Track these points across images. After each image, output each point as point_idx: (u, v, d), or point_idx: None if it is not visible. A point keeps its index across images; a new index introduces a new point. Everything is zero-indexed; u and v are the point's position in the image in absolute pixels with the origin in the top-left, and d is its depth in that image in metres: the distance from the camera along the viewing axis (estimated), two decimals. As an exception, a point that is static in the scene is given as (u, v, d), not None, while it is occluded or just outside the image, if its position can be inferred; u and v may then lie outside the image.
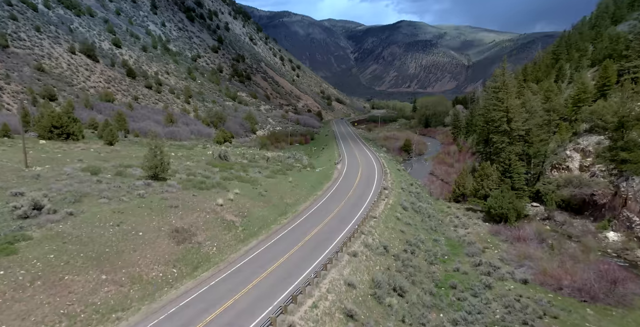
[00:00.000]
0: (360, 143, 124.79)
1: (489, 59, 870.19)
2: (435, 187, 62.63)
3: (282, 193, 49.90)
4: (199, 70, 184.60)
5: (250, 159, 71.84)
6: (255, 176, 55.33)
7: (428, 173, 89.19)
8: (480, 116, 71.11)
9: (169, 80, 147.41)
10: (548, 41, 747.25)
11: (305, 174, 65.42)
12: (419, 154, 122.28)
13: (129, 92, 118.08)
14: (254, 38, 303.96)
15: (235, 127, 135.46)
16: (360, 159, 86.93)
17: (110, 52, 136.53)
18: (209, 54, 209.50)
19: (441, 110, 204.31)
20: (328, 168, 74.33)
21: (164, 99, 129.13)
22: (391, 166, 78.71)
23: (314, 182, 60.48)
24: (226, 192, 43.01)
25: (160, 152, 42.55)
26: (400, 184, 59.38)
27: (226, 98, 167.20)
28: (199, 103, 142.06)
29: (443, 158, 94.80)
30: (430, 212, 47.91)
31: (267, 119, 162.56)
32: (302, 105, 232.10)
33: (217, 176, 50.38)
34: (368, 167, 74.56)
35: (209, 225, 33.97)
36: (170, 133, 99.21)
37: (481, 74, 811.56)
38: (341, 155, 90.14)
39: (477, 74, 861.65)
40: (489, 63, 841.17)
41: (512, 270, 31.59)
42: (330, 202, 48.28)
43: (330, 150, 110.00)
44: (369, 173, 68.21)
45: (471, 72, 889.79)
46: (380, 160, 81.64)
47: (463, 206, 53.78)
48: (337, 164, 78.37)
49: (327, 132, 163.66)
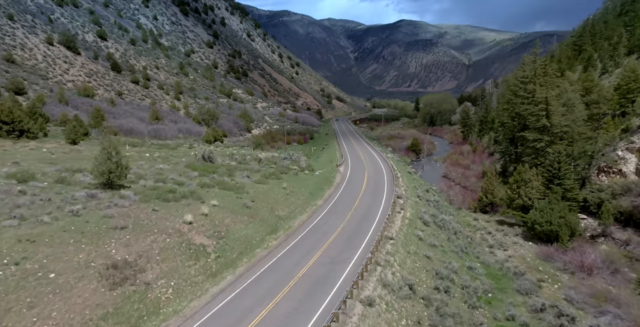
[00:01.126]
0: (364, 142, 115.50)
1: (490, 59, 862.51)
2: (454, 194, 53.60)
3: (273, 203, 40.59)
4: (193, 65, 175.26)
5: (240, 161, 62.54)
6: (243, 182, 46.03)
7: (441, 176, 79.93)
8: (504, 111, 62.10)
9: (158, 75, 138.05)
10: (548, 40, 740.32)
11: (302, 179, 56.12)
12: (428, 154, 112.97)
13: (113, 87, 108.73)
14: (251, 34, 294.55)
15: (229, 126, 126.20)
16: (365, 160, 77.67)
17: (95, 45, 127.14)
18: (203, 50, 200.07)
19: (447, 109, 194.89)
20: (329, 171, 65.01)
21: (151, 95, 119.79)
22: (401, 168, 69.42)
23: (313, 188, 51.19)
24: (200, 204, 33.72)
25: (117, 153, 33.26)
26: (416, 191, 50.06)
27: (220, 95, 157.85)
28: (190, 100, 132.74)
29: (457, 159, 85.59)
30: (455, 227, 38.63)
31: (264, 117, 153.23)
32: (302, 103, 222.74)
33: (194, 183, 41.06)
34: (375, 170, 65.27)
35: (168, 253, 24.67)
36: (155, 131, 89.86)
37: (482, 73, 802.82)
38: (344, 156, 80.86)
39: (477, 73, 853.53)
40: (490, 62, 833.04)
41: (595, 324, 22.05)
42: (333, 215, 39.01)
43: (331, 150, 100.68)
44: (377, 177, 58.91)
45: (472, 72, 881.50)
46: (388, 161, 72.37)
47: (492, 217, 44.60)
48: (339, 166, 69.10)
49: (327, 131, 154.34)
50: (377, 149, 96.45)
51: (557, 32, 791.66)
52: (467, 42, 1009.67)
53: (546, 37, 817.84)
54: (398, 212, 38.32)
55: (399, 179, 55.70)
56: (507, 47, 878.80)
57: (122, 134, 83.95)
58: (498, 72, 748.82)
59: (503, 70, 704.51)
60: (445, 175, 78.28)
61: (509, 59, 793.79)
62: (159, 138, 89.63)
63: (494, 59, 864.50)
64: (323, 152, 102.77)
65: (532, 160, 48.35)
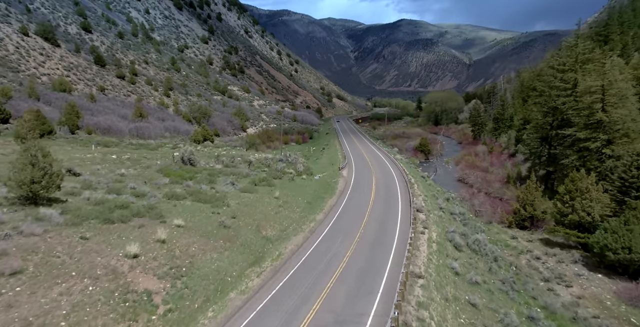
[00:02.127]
0: (368, 142, 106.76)
1: (491, 58, 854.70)
2: (480, 204, 44.91)
3: (260, 219, 31.87)
4: (186, 61, 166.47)
5: (227, 164, 53.77)
6: (225, 191, 37.30)
7: (455, 179, 71.17)
8: (534, 106, 53.36)
9: (147, 70, 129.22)
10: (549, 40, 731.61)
11: (299, 185, 47.39)
12: (437, 155, 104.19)
13: (95, 82, 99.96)
14: (249, 31, 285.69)
15: (222, 124, 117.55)
16: (371, 162, 68.91)
17: (78, 37, 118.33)
18: (197, 45, 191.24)
19: (452, 107, 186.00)
20: (331, 175, 56.25)
21: (138, 91, 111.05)
22: (413, 171, 60.64)
23: (312, 197, 42.49)
24: (159, 224, 24.97)
25: (45, 156, 24.51)
26: (436, 201, 41.26)
27: (214, 92, 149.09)
28: (181, 96, 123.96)
29: (472, 160, 76.86)
30: (494, 251, 29.85)
31: (260, 115, 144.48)
32: (300, 101, 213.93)
33: (161, 193, 32.31)
34: (384, 174, 56.52)
35: (84, 314, 15.87)
36: (137, 130, 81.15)
37: (483, 73, 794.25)
38: (346, 158, 72.10)
39: (478, 73, 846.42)
40: (491, 62, 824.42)
41: None
42: (337, 235, 30.29)
43: (332, 150, 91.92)
44: (387, 182, 50.17)
45: (472, 71, 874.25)
46: (398, 163, 63.61)
47: (534, 235, 35.84)
48: (341, 169, 60.34)
49: (327, 130, 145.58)
50: (383, 150, 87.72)
51: (558, 32, 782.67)
52: (468, 42, 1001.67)
53: (547, 36, 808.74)
54: (421, 233, 29.52)
55: (414, 185, 46.92)
56: (508, 47, 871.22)
57: (99, 133, 75.28)
58: (499, 71, 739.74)
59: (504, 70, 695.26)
60: (461, 179, 69.49)
61: (509, 58, 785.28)
62: (141, 137, 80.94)
63: (494, 58, 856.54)
64: (323, 153, 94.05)
65: (578, 164, 39.69)
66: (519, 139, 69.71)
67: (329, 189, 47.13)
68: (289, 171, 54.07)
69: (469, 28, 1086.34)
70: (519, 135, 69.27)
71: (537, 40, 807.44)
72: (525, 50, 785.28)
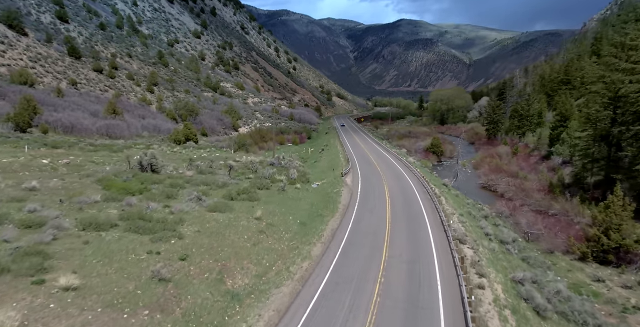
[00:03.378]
0: (372, 142, 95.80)
1: (491, 58, 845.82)
2: (530, 223, 33.85)
3: (227, 258, 20.94)
4: (175, 56, 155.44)
5: (202, 170, 42.72)
6: (184, 210, 26.27)
7: (479, 186, 60.24)
8: (591, 96, 42.50)
9: (130, 64, 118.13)
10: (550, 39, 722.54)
11: (291, 197, 36.43)
12: (450, 157, 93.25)
13: (66, 75, 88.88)
14: (245, 27, 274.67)
15: (212, 123, 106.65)
16: (379, 166, 57.91)
17: (52, 27, 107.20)
18: (189, 40, 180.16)
19: (459, 105, 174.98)
20: (331, 183, 45.30)
21: (117, 85, 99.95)
22: (432, 179, 49.63)
23: (307, 215, 31.56)
24: (28, 287, 13.92)
25: None
26: (478, 223, 30.23)
27: (205, 88, 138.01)
28: (167, 92, 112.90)
29: (496, 164, 65.87)
30: (592, 314, 18.91)
31: (254, 114, 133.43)
32: (299, 100, 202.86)
33: (75, 220, 21.26)
34: (398, 182, 45.53)
35: None
36: (108, 128, 70.07)
37: (483, 73, 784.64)
38: (350, 161, 61.12)
39: (478, 73, 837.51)
40: (491, 61, 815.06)
41: None
42: (343, 291, 19.33)
43: (333, 152, 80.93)
44: (404, 194, 39.20)
45: (472, 71, 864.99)
46: (413, 169, 52.58)
47: (628, 274, 24.91)
48: (344, 175, 49.34)
49: (327, 129, 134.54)
50: (391, 151, 76.74)
51: (559, 31, 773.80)
52: (468, 42, 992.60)
53: (548, 36, 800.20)
54: (479, 287, 18.42)
55: (440, 197, 35.89)
56: (509, 46, 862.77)
57: (60, 131, 64.21)
58: (499, 71, 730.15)
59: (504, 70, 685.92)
60: (486, 186, 58.50)
61: (510, 58, 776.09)
62: (111, 136, 69.89)
63: (495, 58, 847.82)
64: (323, 154, 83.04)
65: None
66: (554, 137, 58.80)
67: (330, 203, 36.12)
68: (279, 178, 43.08)
69: (469, 28, 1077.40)
70: (554, 133, 58.39)
71: (537, 40, 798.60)
72: (526, 50, 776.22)
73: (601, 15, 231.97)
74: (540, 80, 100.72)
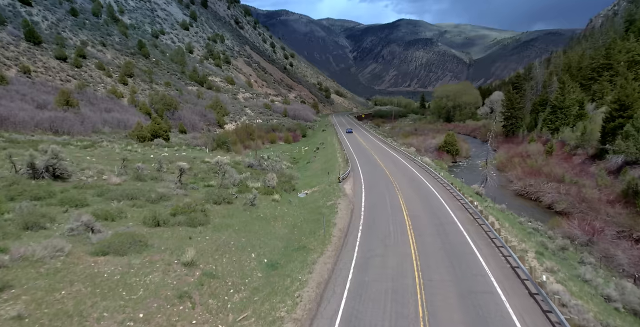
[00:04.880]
0: (376, 140, 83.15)
1: (491, 57, 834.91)
2: (633, 261, 21.82)
3: None
4: (160, 48, 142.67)
5: (142, 175, 30.02)
6: (35, 256, 13.28)
7: (513, 193, 47.62)
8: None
9: (103, 53, 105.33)
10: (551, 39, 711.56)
11: (261, 218, 23.67)
12: (465, 156, 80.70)
13: (18, 62, 76.22)
14: (240, 21, 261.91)
15: (193, 118, 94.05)
16: (388, 169, 45.23)
17: (10, 9, 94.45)
18: (176, 31, 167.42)
19: (467, 101, 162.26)
20: (324, 192, 32.61)
21: (84, 75, 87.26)
22: (458, 183, 36.89)
23: (279, 251, 18.85)
24: None
25: None
26: (576, 271, 17.58)
27: (190, 81, 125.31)
28: (143, 85, 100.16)
29: (531, 165, 53.31)
30: None
31: (244, 109, 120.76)
32: (295, 96, 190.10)
33: None
34: (419, 192, 32.82)
35: None
36: (52, 121, 57.25)
37: (483, 72, 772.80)
38: (350, 162, 48.39)
39: (478, 72, 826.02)
40: (491, 61, 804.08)
41: None
42: None
43: (330, 151, 68.29)
44: (433, 212, 26.57)
45: (472, 71, 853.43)
46: (436, 174, 39.81)
47: None
48: (342, 181, 36.59)
49: (324, 127, 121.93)
50: (399, 150, 64.05)
51: (560, 31, 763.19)
52: (468, 41, 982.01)
53: (549, 36, 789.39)
54: None
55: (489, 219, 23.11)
56: (509, 46, 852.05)
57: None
58: (499, 71, 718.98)
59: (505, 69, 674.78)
60: (523, 193, 45.88)
61: (510, 57, 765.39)
62: (58, 132, 57.12)
63: (495, 57, 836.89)
64: (318, 154, 70.40)
65: None
66: (608, 132, 46.28)
67: (320, 225, 23.37)
68: (252, 186, 30.39)
69: (469, 27, 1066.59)
70: (608, 126, 45.90)
71: (538, 40, 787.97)
72: (527, 49, 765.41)
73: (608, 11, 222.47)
74: (567, 69, 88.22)
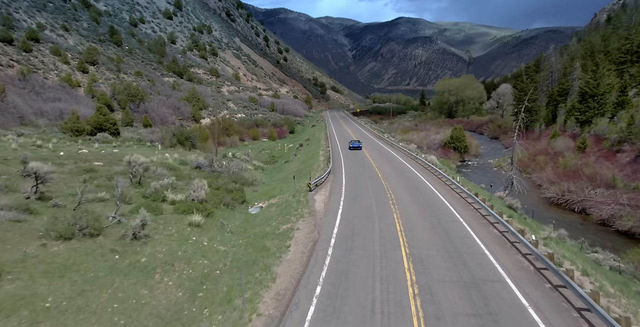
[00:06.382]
0: (371, 135, 71.51)
1: (491, 55, 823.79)
2: None
3: None
4: (137, 36, 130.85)
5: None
6: None
7: (545, 200, 36.07)
8: None
9: (64, 38, 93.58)
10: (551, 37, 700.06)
11: (135, 268, 11.68)
12: (475, 154, 69.16)
13: (-53, 43, 64.41)
14: (232, 14, 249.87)
15: (163, 111, 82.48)
16: (381, 170, 33.57)
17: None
18: (158, 20, 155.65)
19: (471, 95, 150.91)
20: (283, 208, 20.84)
21: (33, 61, 75.64)
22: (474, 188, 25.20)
23: None
24: None
25: None
26: None
27: (167, 72, 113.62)
28: (108, 74, 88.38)
29: (564, 165, 41.92)
30: None
31: (227, 103, 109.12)
32: (287, 91, 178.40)
33: None
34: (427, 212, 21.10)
35: None
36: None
37: (483, 71, 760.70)
38: (332, 162, 36.61)
39: (478, 71, 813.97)
40: (491, 59, 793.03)
41: None
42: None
43: (313, 149, 56.65)
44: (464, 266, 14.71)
45: (472, 69, 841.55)
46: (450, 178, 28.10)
47: None
48: (313, 189, 24.67)
49: (315, 123, 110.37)
50: (397, 146, 52.38)
51: (560, 28, 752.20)
52: (467, 40, 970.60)
53: (549, 33, 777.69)
54: None
55: (571, 273, 11.30)
56: (509, 44, 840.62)
57: None
58: (499, 69, 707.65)
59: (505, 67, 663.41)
60: (561, 201, 34.38)
61: (510, 55, 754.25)
62: (-34, 124, 45.44)
63: (495, 55, 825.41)
64: (300, 152, 58.80)
65: None
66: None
67: (249, 280, 11.59)
68: (173, 199, 18.62)
69: (468, 25, 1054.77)
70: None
71: (538, 37, 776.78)
72: (527, 47, 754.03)
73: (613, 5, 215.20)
74: (590, 54, 76.75)
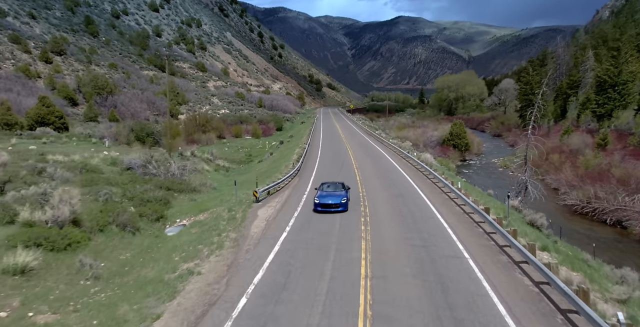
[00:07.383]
0: (362, 133, 64.17)
1: (490, 54, 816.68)
2: None
3: None
4: (119, 28, 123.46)
5: None
6: None
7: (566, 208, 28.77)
8: None
9: (29, 26, 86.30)
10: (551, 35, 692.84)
11: None
12: (477, 153, 61.92)
13: None
14: (225, 9, 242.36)
15: (134, 106, 75.34)
16: (361, 173, 26.11)
17: None
18: (143, 12, 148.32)
19: (471, 92, 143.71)
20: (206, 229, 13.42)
21: (-12, 49, 68.17)
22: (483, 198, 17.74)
23: None
24: None
25: None
26: None
27: (147, 65, 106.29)
28: (76, 65, 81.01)
29: (585, 165, 34.77)
30: None
31: (210, 98, 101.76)
32: (280, 87, 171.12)
33: None
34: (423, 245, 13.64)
35: None
36: None
37: (483, 69, 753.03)
38: (304, 160, 29.31)
39: (478, 69, 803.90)
40: (490, 58, 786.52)
41: None
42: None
43: (291, 146, 49.26)
44: None
45: (472, 68, 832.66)
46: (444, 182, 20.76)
47: None
48: (260, 200, 17.07)
49: (305, 119, 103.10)
50: (387, 143, 45.02)
51: (560, 27, 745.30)
52: (467, 38, 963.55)
53: (549, 32, 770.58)
54: None
55: None
56: (509, 43, 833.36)
57: None
58: (499, 67, 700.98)
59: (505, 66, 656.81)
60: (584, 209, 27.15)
61: (510, 54, 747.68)
62: None
63: (494, 54, 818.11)
64: (278, 150, 51.51)
65: None
66: None
67: None
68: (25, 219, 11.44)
69: (468, 24, 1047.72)
70: None
71: (538, 36, 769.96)
72: (526, 46, 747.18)
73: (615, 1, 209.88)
74: (603, 43, 69.63)
